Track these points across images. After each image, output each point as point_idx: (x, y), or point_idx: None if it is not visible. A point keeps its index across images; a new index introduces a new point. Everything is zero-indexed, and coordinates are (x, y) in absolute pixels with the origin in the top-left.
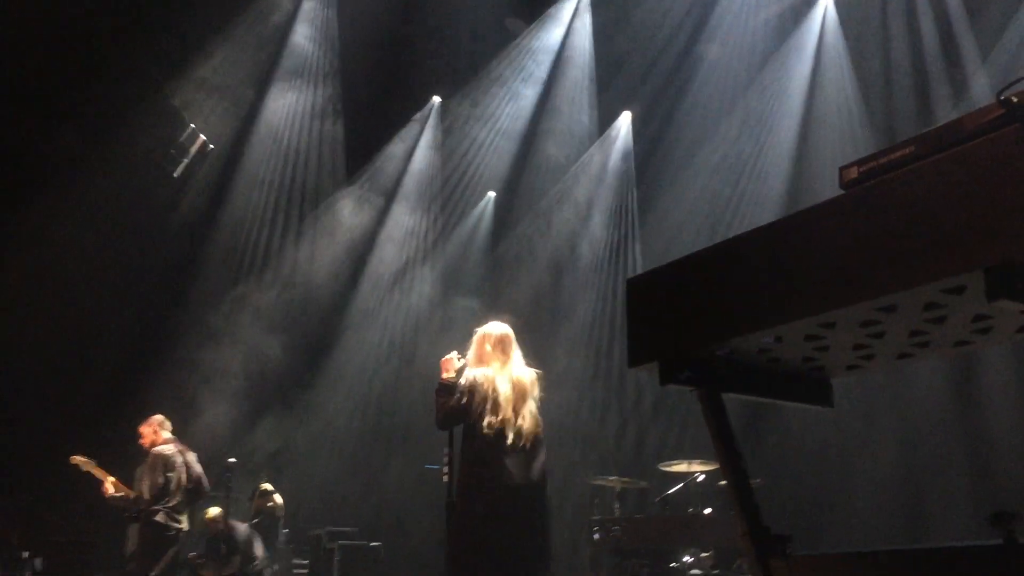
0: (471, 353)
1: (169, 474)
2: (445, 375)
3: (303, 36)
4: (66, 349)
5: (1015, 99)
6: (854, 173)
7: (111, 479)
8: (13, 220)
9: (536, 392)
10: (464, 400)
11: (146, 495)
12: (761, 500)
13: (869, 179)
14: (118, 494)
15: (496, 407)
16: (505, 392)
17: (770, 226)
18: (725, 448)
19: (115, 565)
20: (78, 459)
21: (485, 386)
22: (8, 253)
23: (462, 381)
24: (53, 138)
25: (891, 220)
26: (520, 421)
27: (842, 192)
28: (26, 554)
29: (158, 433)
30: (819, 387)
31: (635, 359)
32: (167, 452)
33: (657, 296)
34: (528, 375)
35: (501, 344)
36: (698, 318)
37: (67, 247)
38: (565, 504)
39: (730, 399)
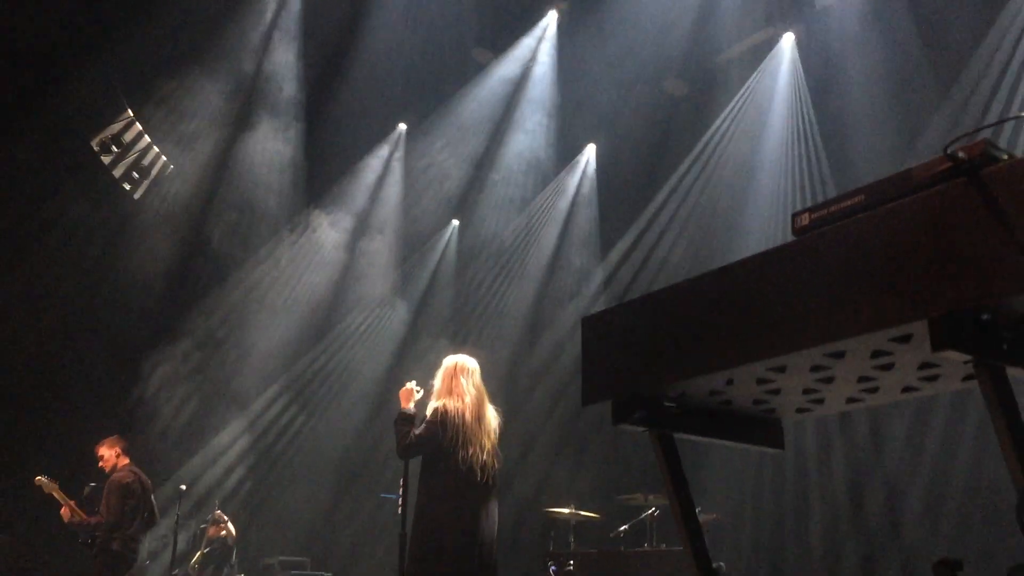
0: (439, 383)
1: (129, 501)
2: (405, 405)
3: (269, 63)
4: (23, 373)
5: (961, 153)
6: (805, 220)
7: (71, 503)
8: None
9: (497, 429)
10: (435, 431)
11: (104, 520)
12: (722, 536)
13: (820, 226)
14: (75, 519)
15: (467, 441)
16: (474, 426)
17: (723, 270)
18: (675, 489)
19: None
20: (42, 480)
21: (457, 419)
22: None
23: (430, 411)
24: (8, 154)
25: (840, 268)
26: (486, 457)
27: (794, 238)
28: None
29: (120, 457)
30: (771, 429)
31: (588, 397)
32: (127, 479)
33: (611, 336)
34: (493, 411)
35: (471, 377)
36: (651, 359)
37: (25, 264)
38: (520, 535)
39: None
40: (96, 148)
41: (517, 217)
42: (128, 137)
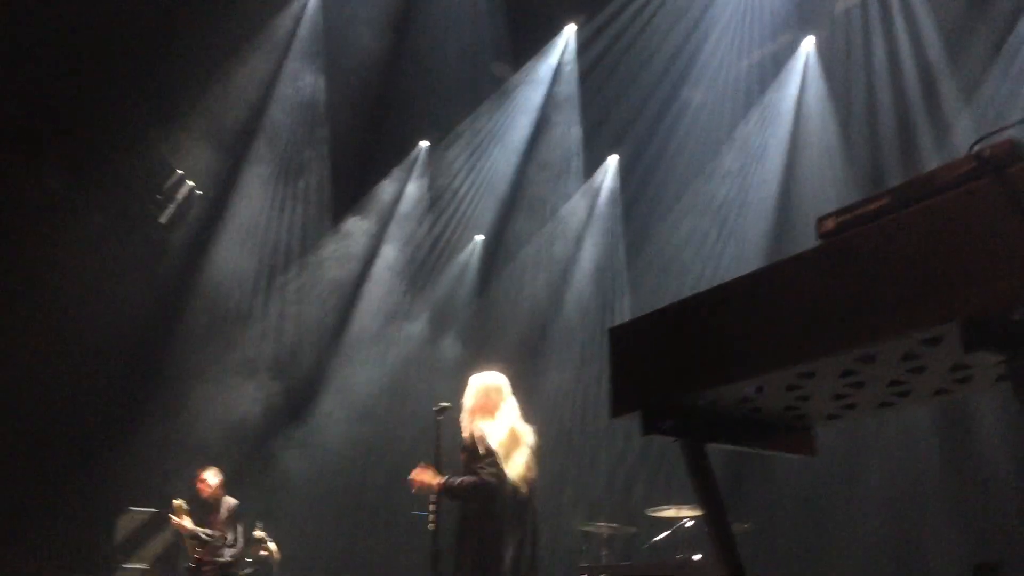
0: (472, 402)
1: (239, 526)
2: (434, 481)
3: (292, 82)
4: (49, 394)
5: (987, 152)
6: (831, 224)
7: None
8: None
9: (533, 443)
10: (496, 461)
11: (226, 538)
12: (749, 545)
13: (846, 230)
14: (212, 533)
15: (506, 457)
16: (510, 443)
17: (750, 276)
18: (707, 499)
19: None
20: (178, 503)
21: (498, 438)
22: None
23: (468, 433)
24: (38, 180)
25: (868, 271)
26: (524, 471)
27: (820, 242)
28: None
29: (222, 486)
30: (801, 436)
31: (618, 409)
32: (236, 504)
33: (640, 345)
34: (528, 427)
35: (502, 394)
36: (680, 368)
37: (54, 289)
38: (555, 551)
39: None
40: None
41: (540, 230)
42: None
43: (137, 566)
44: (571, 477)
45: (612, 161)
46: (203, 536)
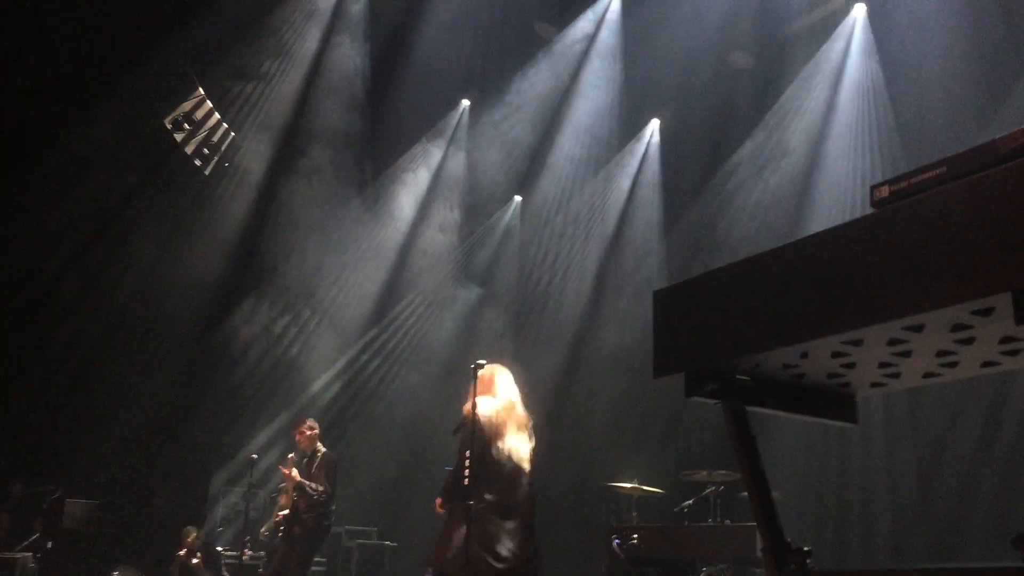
0: (479, 388)
1: (337, 477)
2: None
3: (336, 40)
4: (91, 355)
5: None
6: (885, 192)
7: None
8: (39, 214)
9: (528, 424)
10: (467, 428)
11: (326, 492)
12: (783, 515)
13: (900, 199)
14: (309, 487)
15: (500, 433)
16: (506, 419)
17: (800, 242)
18: (748, 462)
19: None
20: (291, 456)
21: (491, 415)
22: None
23: (466, 423)
24: (85, 131)
25: (920, 240)
26: (520, 444)
27: (873, 211)
28: None
29: (318, 437)
30: (844, 403)
31: (660, 370)
32: (335, 457)
33: (683, 308)
34: (526, 412)
35: (503, 382)
36: (724, 331)
37: (96, 240)
38: (583, 510)
39: (754, 411)
40: (169, 126)
41: (580, 193)
42: (199, 115)
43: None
44: (601, 439)
45: (653, 124)
46: (308, 489)
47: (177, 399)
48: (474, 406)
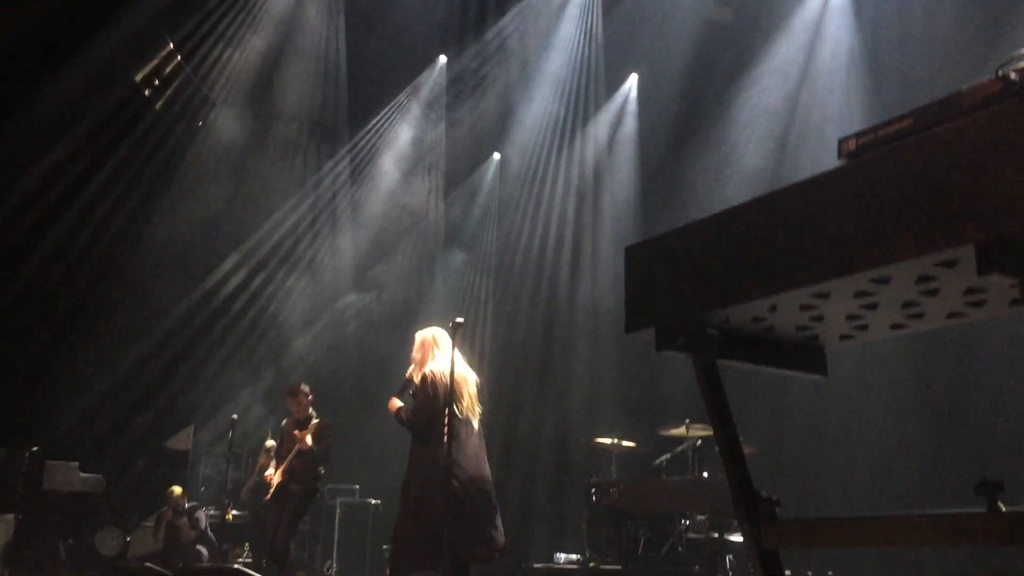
0: (419, 355)
1: (330, 444)
2: (394, 409)
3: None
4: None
5: (1013, 75)
6: (852, 145)
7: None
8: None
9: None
10: (429, 394)
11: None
12: (756, 468)
13: (867, 151)
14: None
15: (457, 396)
16: (459, 383)
17: (767, 196)
18: (718, 415)
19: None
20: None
21: (444, 380)
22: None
23: (419, 379)
24: (55, 91)
25: (887, 193)
26: (473, 405)
27: (840, 164)
28: None
29: (312, 403)
30: (813, 356)
31: (632, 324)
32: (327, 422)
33: (654, 264)
34: (471, 371)
35: (444, 345)
36: (694, 286)
37: (70, 200)
38: (565, 465)
39: (726, 366)
40: (139, 82)
41: (558, 149)
42: (170, 72)
43: None
44: (581, 394)
45: (632, 80)
46: (317, 456)
47: (157, 359)
48: (451, 366)
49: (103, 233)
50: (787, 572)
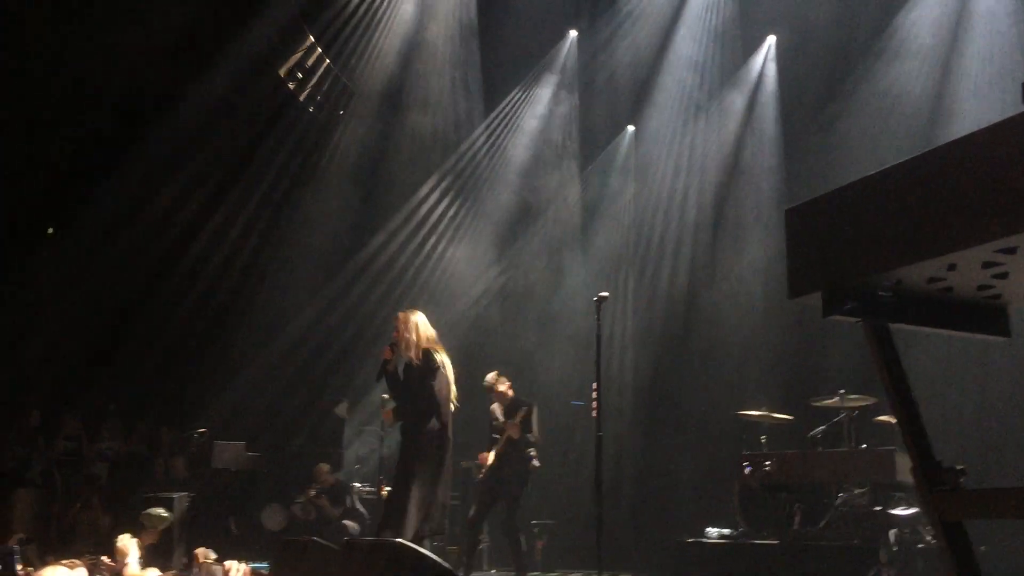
0: (412, 335)
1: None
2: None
3: None
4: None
5: None
6: None
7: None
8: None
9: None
10: (444, 377)
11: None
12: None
13: None
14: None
15: (451, 379)
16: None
17: (944, 147)
18: (893, 380)
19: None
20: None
21: (446, 363)
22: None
23: (424, 358)
24: (202, 86)
25: None
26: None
27: None
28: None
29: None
30: (995, 316)
31: (796, 290)
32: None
33: (819, 225)
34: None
35: (428, 327)
36: (862, 247)
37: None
38: (710, 438)
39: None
40: (283, 76)
41: (695, 117)
42: (311, 63)
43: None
44: (729, 366)
45: (769, 42)
46: (531, 439)
47: (308, 342)
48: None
49: (258, 219)
50: None
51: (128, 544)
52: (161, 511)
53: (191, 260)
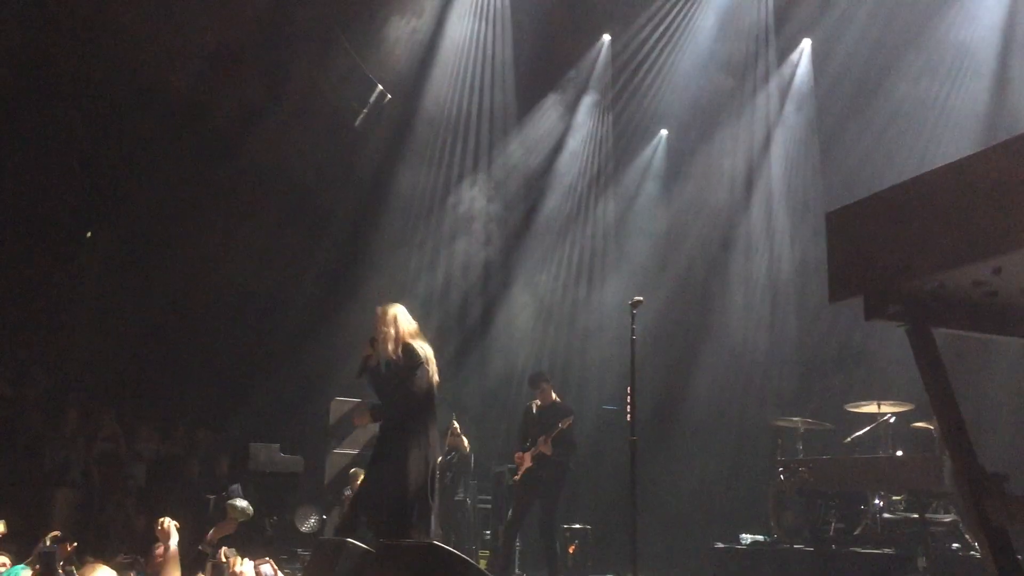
0: (393, 330)
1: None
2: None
3: None
4: (241, 301)
5: None
6: None
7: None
8: (200, 174)
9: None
10: (425, 368)
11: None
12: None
13: None
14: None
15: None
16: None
17: (990, 150)
18: (937, 385)
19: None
20: None
21: (429, 354)
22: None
23: (404, 352)
24: (238, 94)
25: None
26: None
27: None
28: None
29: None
30: None
31: (837, 294)
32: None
33: (860, 229)
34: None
35: (409, 321)
36: (906, 250)
37: (252, 200)
38: (746, 445)
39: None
40: (319, 83)
41: (727, 121)
42: (347, 70)
43: (347, 451)
44: (764, 373)
45: (805, 45)
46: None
47: (340, 348)
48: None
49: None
50: None
51: (171, 525)
52: (246, 505)
53: (229, 263)
